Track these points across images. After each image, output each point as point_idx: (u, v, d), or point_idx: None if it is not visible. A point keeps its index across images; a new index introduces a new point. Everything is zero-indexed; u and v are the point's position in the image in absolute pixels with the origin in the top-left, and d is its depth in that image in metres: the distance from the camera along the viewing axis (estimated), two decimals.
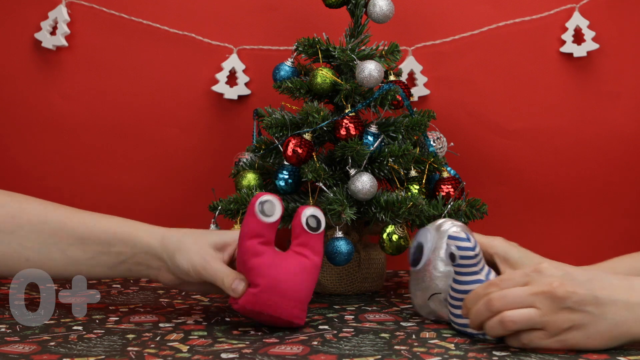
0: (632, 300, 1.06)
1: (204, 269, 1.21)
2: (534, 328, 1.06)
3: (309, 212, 1.21)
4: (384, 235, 1.37)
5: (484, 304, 1.08)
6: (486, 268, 1.16)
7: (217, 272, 1.21)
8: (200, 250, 1.23)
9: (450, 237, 1.16)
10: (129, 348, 1.09)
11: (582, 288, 1.06)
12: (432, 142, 1.46)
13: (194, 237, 1.25)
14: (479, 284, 1.14)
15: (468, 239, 1.15)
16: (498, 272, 1.23)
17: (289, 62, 1.47)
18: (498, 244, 1.24)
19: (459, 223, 1.24)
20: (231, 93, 1.59)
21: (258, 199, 1.17)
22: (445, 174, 1.43)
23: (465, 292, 1.14)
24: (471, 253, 1.15)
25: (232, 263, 1.24)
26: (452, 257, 1.16)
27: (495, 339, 1.12)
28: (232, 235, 1.26)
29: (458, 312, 1.15)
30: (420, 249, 1.24)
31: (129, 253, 1.26)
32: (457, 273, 1.16)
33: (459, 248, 1.15)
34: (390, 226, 1.37)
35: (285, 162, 1.39)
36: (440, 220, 1.26)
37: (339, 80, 1.40)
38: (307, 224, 1.21)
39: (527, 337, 1.07)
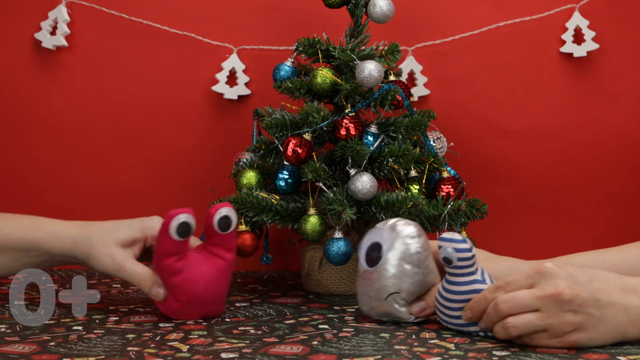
0: (628, 303, 1.07)
1: (117, 272, 1.25)
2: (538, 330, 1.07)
3: (220, 214, 1.23)
4: None
5: (492, 307, 1.09)
6: (480, 268, 1.16)
7: (132, 275, 1.25)
8: (108, 251, 1.26)
9: (445, 240, 1.14)
10: (129, 348, 1.09)
11: (584, 290, 1.06)
12: (432, 142, 1.46)
13: (102, 237, 1.27)
14: (477, 284, 1.14)
15: (464, 241, 1.14)
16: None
17: (289, 62, 1.47)
18: None
19: (413, 222, 1.21)
20: (231, 93, 1.59)
21: (174, 221, 1.19)
22: (445, 174, 1.43)
23: (463, 292, 1.14)
24: (469, 254, 1.14)
25: (146, 252, 1.29)
26: (447, 260, 1.14)
27: (495, 338, 1.12)
28: (139, 229, 1.28)
29: (454, 313, 1.15)
30: (377, 248, 1.21)
31: (47, 256, 1.30)
32: (452, 275, 1.15)
33: (457, 250, 1.13)
34: None
35: (285, 162, 1.39)
36: (392, 220, 1.22)
37: (339, 80, 1.40)
38: (219, 224, 1.23)
39: (529, 338, 1.08)
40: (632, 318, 1.08)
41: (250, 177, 1.42)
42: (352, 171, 1.37)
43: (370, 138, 1.39)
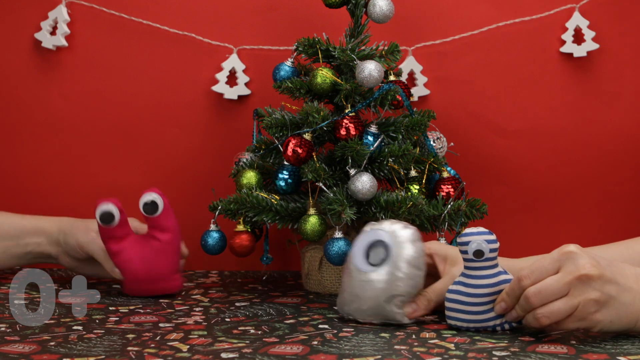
0: None
1: (86, 244, 1.40)
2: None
3: (142, 199, 1.35)
4: None
5: (524, 300, 1.11)
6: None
7: (98, 250, 1.39)
8: (87, 228, 1.41)
9: (474, 234, 1.15)
10: (129, 348, 1.09)
11: (607, 271, 1.09)
12: (432, 142, 1.46)
13: (84, 222, 1.43)
14: (502, 275, 1.15)
15: (492, 232, 1.16)
16: (436, 272, 1.25)
17: (288, 62, 1.47)
18: (434, 246, 1.27)
19: (410, 225, 1.21)
20: (231, 93, 1.59)
21: (96, 210, 1.33)
22: (445, 174, 1.43)
23: (492, 285, 1.15)
24: (497, 245, 1.15)
25: None
26: (479, 253, 1.15)
27: (495, 338, 1.12)
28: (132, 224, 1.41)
29: (481, 308, 1.15)
30: (380, 249, 1.20)
31: (34, 244, 1.44)
32: (478, 269, 1.15)
33: (489, 242, 1.15)
34: None
35: (285, 162, 1.39)
36: (389, 222, 1.22)
37: (339, 80, 1.40)
38: (143, 211, 1.35)
39: (557, 324, 1.10)
40: None
41: (250, 177, 1.42)
42: (352, 171, 1.37)
43: (370, 138, 1.39)
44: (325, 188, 1.36)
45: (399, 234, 1.20)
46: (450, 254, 1.25)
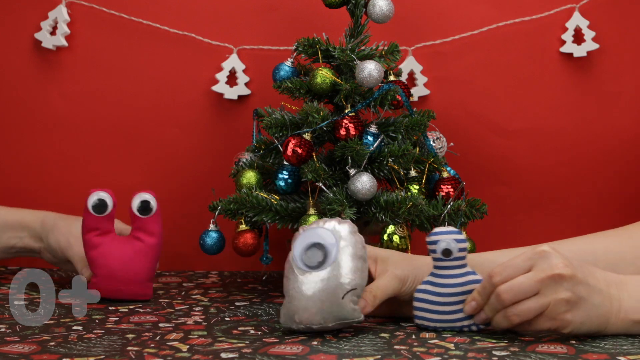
0: (611, 294, 1.11)
1: (65, 250, 1.40)
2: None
3: (138, 198, 1.33)
4: (385, 236, 1.37)
5: (495, 298, 1.11)
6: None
7: (74, 255, 1.40)
8: (68, 232, 1.41)
9: (443, 232, 1.15)
10: (129, 348, 1.09)
11: (579, 271, 1.09)
12: (432, 142, 1.46)
13: (67, 221, 1.43)
14: (470, 275, 1.15)
15: (460, 232, 1.16)
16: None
17: (288, 62, 1.47)
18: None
19: (344, 219, 1.19)
20: (231, 93, 1.59)
21: (91, 197, 1.32)
22: (445, 174, 1.43)
23: (460, 285, 1.15)
24: (466, 245, 1.16)
25: None
26: (447, 252, 1.15)
27: (495, 338, 1.12)
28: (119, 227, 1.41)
29: (449, 308, 1.16)
30: (320, 246, 1.16)
31: (17, 237, 1.45)
32: (446, 268, 1.16)
33: (458, 241, 1.15)
34: (390, 227, 1.37)
35: (285, 162, 1.39)
36: (323, 220, 1.18)
37: (338, 80, 1.40)
38: (137, 209, 1.33)
39: (527, 324, 1.10)
40: (614, 308, 1.11)
41: (250, 177, 1.42)
42: (352, 171, 1.37)
43: (370, 138, 1.39)
44: (325, 188, 1.36)
45: (339, 229, 1.17)
46: (380, 255, 1.23)
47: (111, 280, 1.33)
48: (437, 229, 1.16)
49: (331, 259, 1.15)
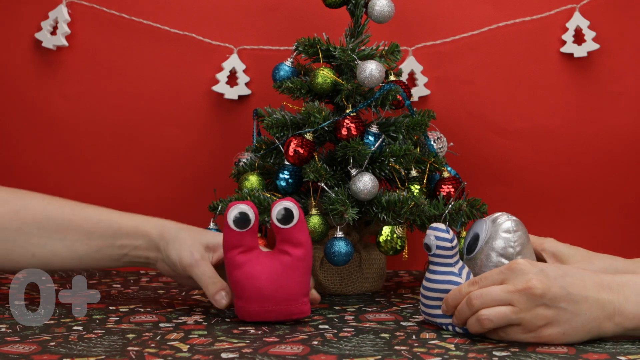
0: (602, 298, 1.09)
1: (190, 267, 1.25)
2: (511, 324, 1.09)
3: (278, 206, 1.20)
4: (380, 238, 1.38)
5: (465, 302, 1.11)
6: (460, 263, 1.19)
7: (202, 276, 1.25)
8: (192, 247, 1.26)
9: (430, 228, 1.18)
10: (129, 348, 1.09)
11: (556, 285, 1.08)
12: (432, 142, 1.46)
13: (190, 232, 1.29)
14: (452, 276, 1.17)
15: (447, 231, 1.18)
16: None
17: (288, 62, 1.47)
18: (547, 242, 1.30)
19: (514, 218, 1.27)
20: (231, 93, 1.59)
21: (231, 211, 1.19)
22: (445, 174, 1.43)
23: (440, 282, 1.17)
24: (448, 244, 1.17)
25: (221, 265, 1.27)
26: (427, 247, 1.18)
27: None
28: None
29: (430, 303, 1.18)
30: (476, 238, 1.26)
31: (131, 246, 1.30)
32: (433, 264, 1.19)
33: (437, 238, 1.17)
34: (387, 228, 1.37)
35: (286, 162, 1.39)
36: (496, 214, 1.28)
37: (340, 80, 1.40)
38: (277, 219, 1.20)
39: (504, 332, 1.10)
40: (606, 313, 1.09)
41: (253, 181, 1.41)
42: (354, 171, 1.37)
43: (371, 138, 1.39)
44: (327, 188, 1.36)
45: (497, 224, 1.25)
46: (561, 251, 1.29)
47: (263, 302, 1.19)
48: (431, 225, 1.20)
49: (477, 249, 1.25)
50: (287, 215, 1.20)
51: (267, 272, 1.19)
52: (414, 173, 1.42)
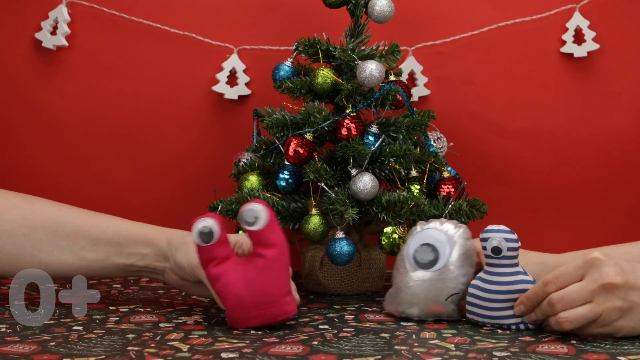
0: None
1: (198, 268, 1.23)
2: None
3: (242, 209, 1.18)
4: (383, 238, 1.38)
5: (547, 305, 1.12)
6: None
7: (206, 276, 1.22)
8: None
9: (494, 230, 1.17)
10: (129, 348, 1.09)
11: (631, 277, 1.10)
12: (432, 142, 1.46)
13: None
14: (520, 275, 1.16)
15: (512, 232, 1.17)
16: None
17: (288, 62, 1.47)
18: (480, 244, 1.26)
19: (461, 223, 1.26)
20: (231, 93, 1.59)
21: (193, 227, 1.17)
22: (445, 174, 1.43)
23: (509, 283, 1.16)
24: (517, 245, 1.17)
25: None
26: (496, 250, 1.17)
27: (495, 338, 1.13)
28: (233, 239, 1.27)
29: (496, 305, 1.17)
30: (433, 249, 1.23)
31: (139, 255, 1.29)
32: (497, 266, 1.17)
33: (507, 240, 1.16)
34: (389, 227, 1.37)
35: (286, 162, 1.39)
36: (439, 222, 1.25)
37: (340, 80, 1.40)
38: (246, 222, 1.18)
39: (579, 329, 1.11)
40: None
41: (253, 181, 1.42)
42: (354, 171, 1.37)
43: (371, 138, 1.39)
44: (327, 188, 1.36)
45: (453, 234, 1.23)
46: None
47: (242, 309, 1.18)
48: (489, 227, 1.19)
49: (442, 261, 1.21)
50: (252, 218, 1.17)
51: (242, 278, 1.18)
52: (414, 173, 1.42)
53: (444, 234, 1.23)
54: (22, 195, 1.32)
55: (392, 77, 1.46)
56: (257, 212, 1.18)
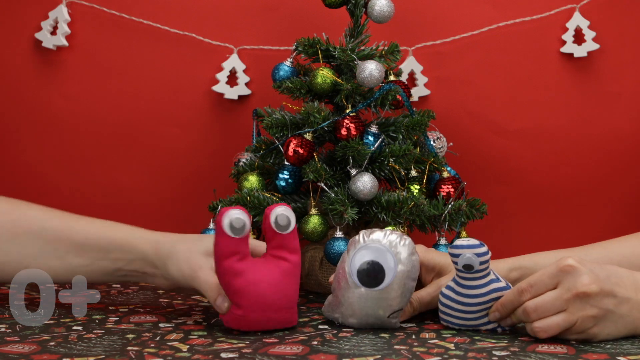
0: None
1: (191, 279, 1.21)
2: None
3: (277, 211, 1.16)
4: None
5: (522, 313, 1.12)
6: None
7: (202, 285, 1.19)
8: (190, 258, 1.21)
9: (464, 247, 1.13)
10: (129, 348, 1.09)
11: (605, 285, 1.09)
12: (432, 142, 1.46)
13: (186, 244, 1.24)
14: (494, 283, 1.15)
15: (482, 245, 1.15)
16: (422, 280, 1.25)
17: (288, 62, 1.47)
18: (425, 255, 1.26)
19: (405, 236, 1.18)
20: (231, 93, 1.59)
21: (225, 217, 1.13)
22: (445, 174, 1.43)
23: (484, 294, 1.15)
24: (487, 257, 1.15)
25: None
26: (468, 266, 1.14)
27: (495, 338, 1.13)
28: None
29: (473, 315, 1.16)
30: (379, 268, 1.17)
31: (125, 260, 1.26)
32: (469, 279, 1.15)
33: (478, 255, 1.14)
34: (389, 227, 1.37)
35: (286, 162, 1.39)
36: (380, 233, 1.18)
37: (339, 80, 1.40)
38: (276, 223, 1.16)
39: (557, 336, 1.11)
40: None
41: (253, 181, 1.42)
42: (353, 171, 1.37)
43: (370, 138, 1.39)
44: (326, 188, 1.36)
45: (399, 251, 1.17)
46: (439, 264, 1.26)
47: (264, 309, 1.14)
48: (458, 241, 1.15)
49: (386, 281, 1.17)
50: (286, 222, 1.16)
51: (265, 278, 1.15)
52: (413, 173, 1.42)
53: (389, 252, 1.16)
54: (10, 199, 1.30)
55: (391, 77, 1.46)
56: (290, 216, 1.16)
